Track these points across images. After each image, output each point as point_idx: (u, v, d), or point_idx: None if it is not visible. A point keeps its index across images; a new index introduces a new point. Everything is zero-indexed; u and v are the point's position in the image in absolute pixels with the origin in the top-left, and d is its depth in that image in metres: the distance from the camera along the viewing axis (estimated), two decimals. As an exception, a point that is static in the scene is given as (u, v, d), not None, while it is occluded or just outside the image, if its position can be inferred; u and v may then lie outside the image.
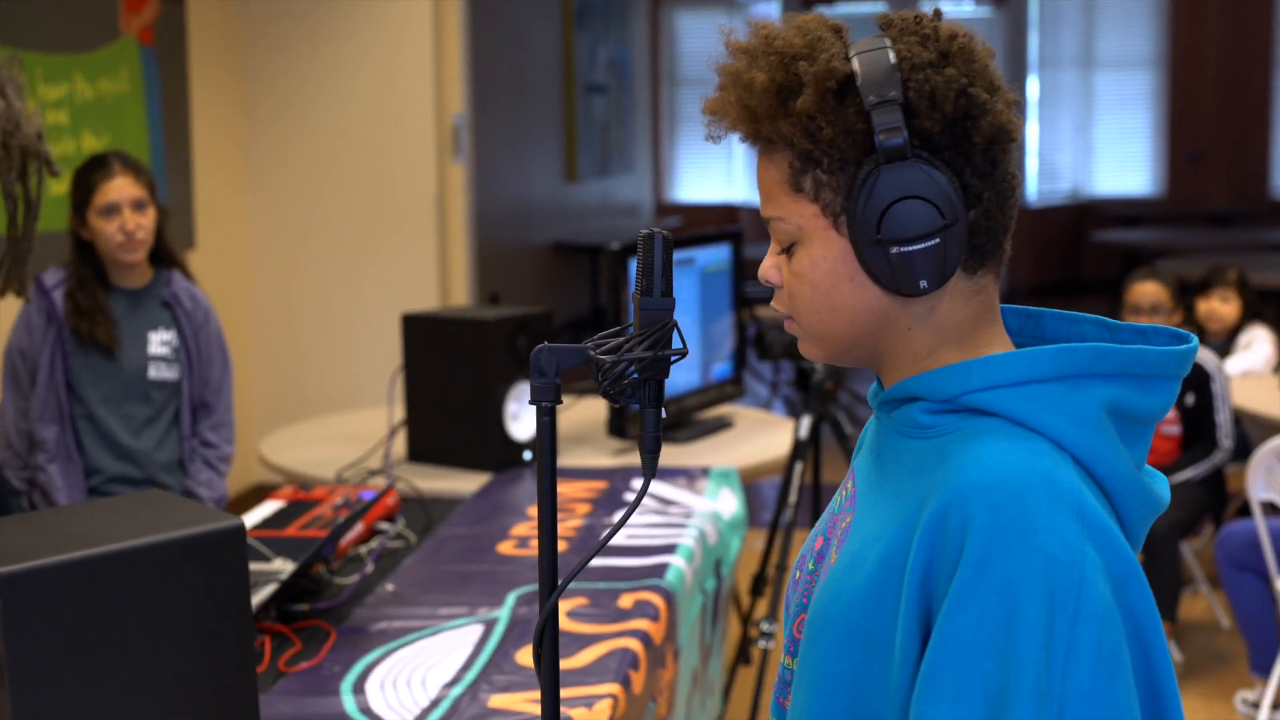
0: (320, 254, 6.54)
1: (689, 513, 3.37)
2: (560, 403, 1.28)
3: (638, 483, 3.65)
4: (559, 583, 1.27)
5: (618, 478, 3.71)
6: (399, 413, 4.06)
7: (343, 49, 6.40)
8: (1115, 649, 1.19)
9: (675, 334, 1.29)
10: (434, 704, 2.31)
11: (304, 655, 2.52)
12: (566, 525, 3.30)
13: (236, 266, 6.49)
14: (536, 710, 2.27)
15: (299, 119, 6.47)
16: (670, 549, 3.07)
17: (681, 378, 4.34)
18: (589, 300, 11.36)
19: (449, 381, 3.88)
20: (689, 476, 3.71)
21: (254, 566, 2.90)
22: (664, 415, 1.29)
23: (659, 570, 2.92)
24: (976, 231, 1.31)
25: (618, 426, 4.12)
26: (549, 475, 1.27)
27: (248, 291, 6.58)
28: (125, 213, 3.59)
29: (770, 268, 1.37)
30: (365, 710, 2.29)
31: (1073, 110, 14.33)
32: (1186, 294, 5.34)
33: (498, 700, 2.32)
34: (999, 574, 1.20)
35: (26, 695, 1.70)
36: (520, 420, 3.88)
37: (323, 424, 4.71)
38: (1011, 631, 1.19)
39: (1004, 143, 1.31)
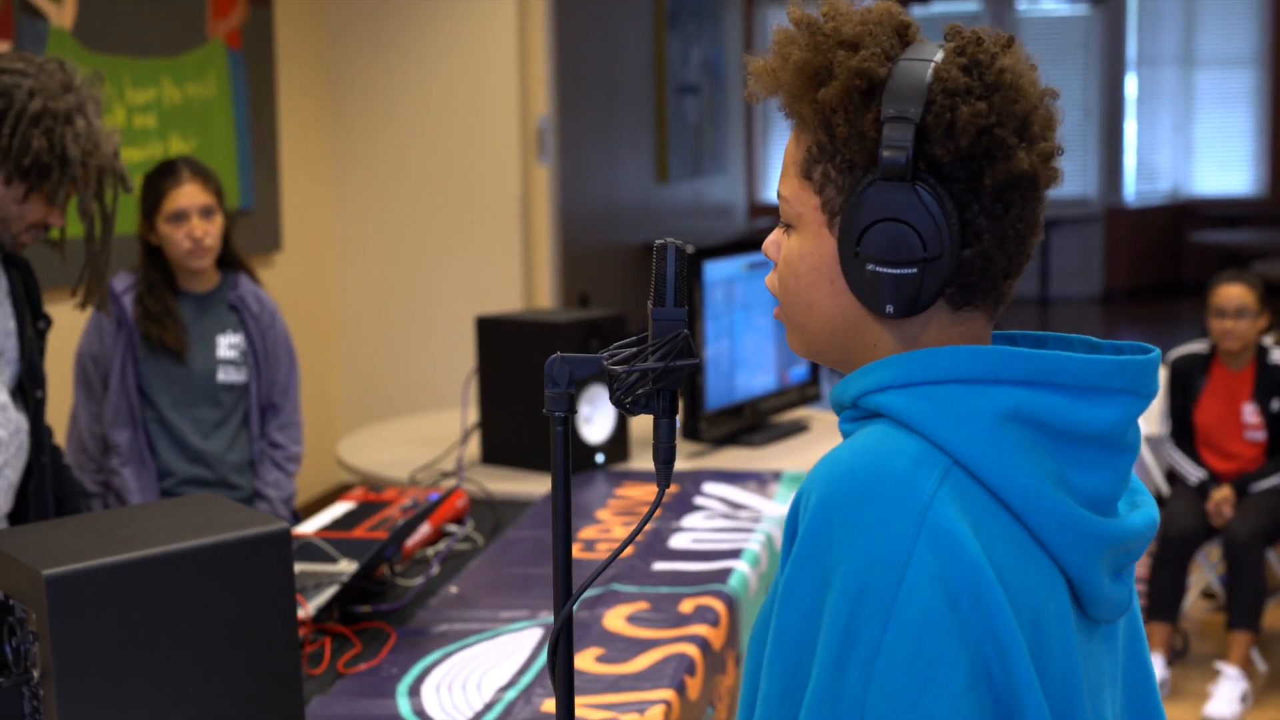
0: (405, 256, 6.59)
1: (757, 517, 3.36)
2: (575, 412, 1.28)
3: (709, 486, 3.65)
4: (575, 590, 1.28)
5: (688, 481, 3.70)
6: (474, 415, 4.08)
7: (428, 53, 6.44)
8: (934, 659, 1.12)
9: (689, 344, 1.27)
10: (488, 707, 2.32)
11: (363, 657, 2.53)
12: (633, 529, 3.29)
13: (322, 268, 6.56)
14: (590, 715, 2.28)
15: (385, 122, 6.52)
16: (735, 554, 3.06)
17: (758, 381, 4.33)
18: (680, 301, 11.32)
19: (522, 384, 3.90)
20: (760, 481, 3.70)
21: (319, 568, 2.93)
22: (678, 425, 1.28)
23: (722, 575, 2.91)
24: (969, 270, 1.25)
25: (692, 429, 4.11)
26: (563, 483, 1.28)
27: (334, 293, 6.65)
28: (193, 219, 3.63)
29: (771, 244, 1.35)
30: (419, 712, 2.30)
31: (1173, 109, 14.13)
32: (1276, 297, 5.25)
33: (551, 705, 2.32)
34: (818, 567, 1.16)
35: (72, 694, 1.73)
36: (592, 423, 3.89)
37: (400, 425, 4.75)
38: (814, 629, 1.15)
39: (1023, 190, 1.25)
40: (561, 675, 1.28)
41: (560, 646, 1.27)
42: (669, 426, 1.29)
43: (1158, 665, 4.71)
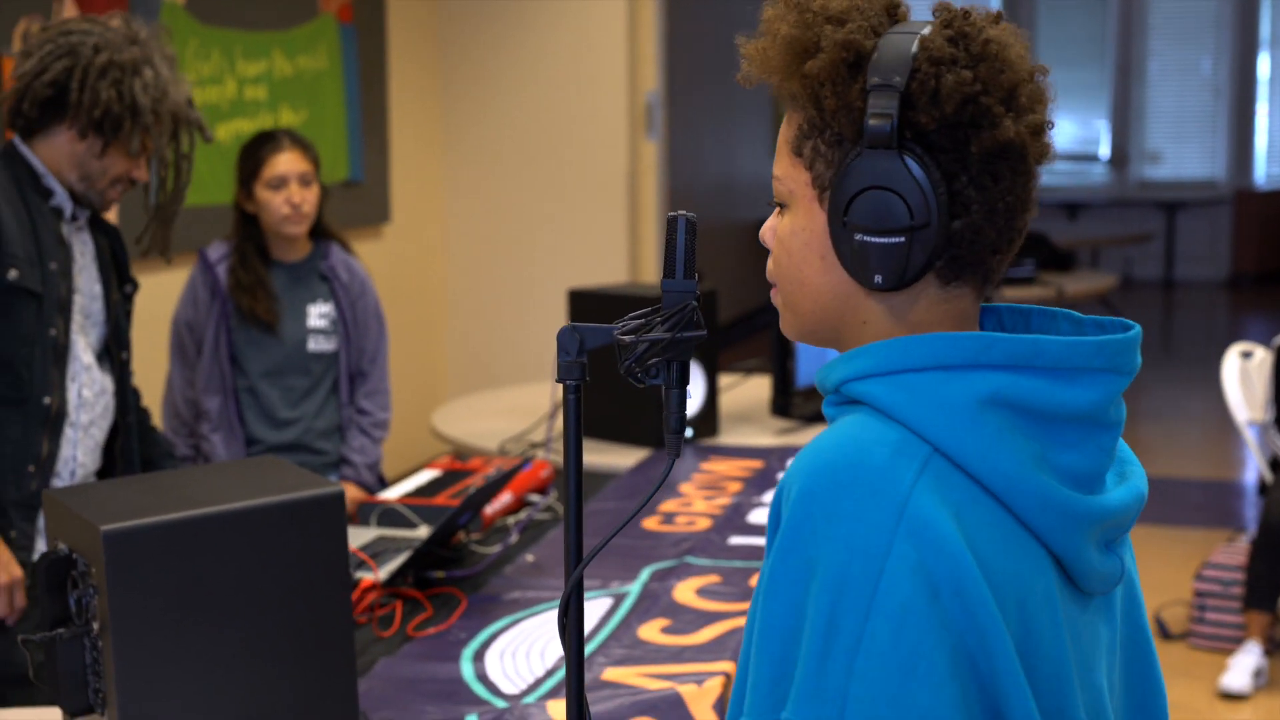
0: (512, 229, 6.64)
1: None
2: (586, 380, 1.30)
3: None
4: (584, 557, 1.30)
5: (774, 457, 3.71)
6: (565, 387, 4.11)
7: (537, 28, 6.48)
8: (916, 649, 1.13)
9: (696, 316, 1.29)
10: (549, 674, 2.35)
11: (433, 621, 2.58)
12: (714, 503, 3.32)
13: (430, 240, 6.63)
14: (649, 684, 2.30)
15: (494, 96, 6.58)
16: (813, 530, 3.06)
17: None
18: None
19: (611, 357, 3.91)
20: (847, 458, 3.69)
21: (397, 533, 2.99)
22: (689, 396, 1.30)
23: (796, 550, 2.92)
24: (958, 242, 1.25)
25: (782, 406, 4.11)
26: (574, 452, 1.30)
27: (441, 265, 6.72)
28: (292, 186, 3.69)
29: (768, 229, 1.36)
30: (481, 677, 2.34)
31: (1308, 89, 13.83)
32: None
33: (612, 673, 2.35)
34: (799, 561, 1.17)
35: (128, 646, 1.79)
36: (681, 397, 3.90)
37: (495, 396, 4.80)
38: (800, 620, 1.16)
39: (1011, 160, 1.24)
40: (572, 638, 1.30)
41: (571, 611, 1.29)
42: (679, 397, 1.30)
43: (1255, 654, 4.64)
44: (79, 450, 2.76)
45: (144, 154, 2.75)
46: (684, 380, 1.29)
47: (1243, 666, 4.59)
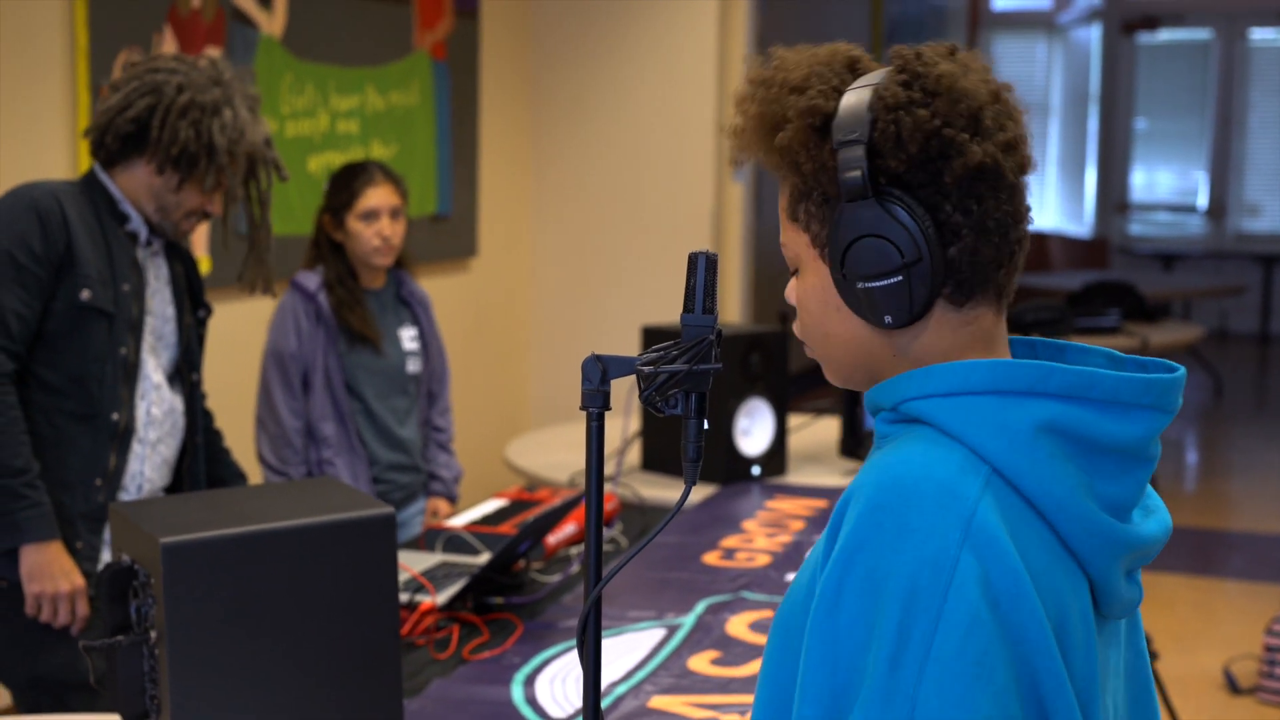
0: (597, 265, 6.72)
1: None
2: (609, 409, 1.35)
3: (859, 503, 3.68)
4: (603, 577, 1.35)
5: (838, 497, 3.73)
6: (636, 423, 4.17)
7: (628, 67, 6.56)
8: (981, 657, 1.18)
9: (711, 349, 1.34)
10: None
11: (489, 645, 2.64)
12: (775, 540, 3.36)
13: (516, 275, 6.72)
14: (695, 714, 2.35)
15: (583, 133, 6.66)
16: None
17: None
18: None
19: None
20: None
21: (460, 559, 3.06)
22: (705, 427, 1.35)
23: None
24: (958, 267, 1.31)
25: (850, 447, 4.14)
26: (596, 478, 1.35)
27: (526, 299, 6.81)
28: (384, 219, 3.76)
29: (791, 290, 1.42)
30: (530, 700, 2.39)
31: None
32: None
33: (658, 701, 2.40)
34: (864, 570, 1.21)
35: (183, 654, 1.86)
36: (750, 435, 3.95)
37: (569, 429, 4.86)
38: (870, 629, 1.20)
39: (989, 180, 1.30)
40: (590, 658, 1.36)
41: (589, 630, 1.35)
42: (697, 427, 1.36)
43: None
44: (146, 466, 2.86)
45: (218, 190, 2.85)
46: (702, 411, 1.34)
47: (1313, 724, 4.55)
